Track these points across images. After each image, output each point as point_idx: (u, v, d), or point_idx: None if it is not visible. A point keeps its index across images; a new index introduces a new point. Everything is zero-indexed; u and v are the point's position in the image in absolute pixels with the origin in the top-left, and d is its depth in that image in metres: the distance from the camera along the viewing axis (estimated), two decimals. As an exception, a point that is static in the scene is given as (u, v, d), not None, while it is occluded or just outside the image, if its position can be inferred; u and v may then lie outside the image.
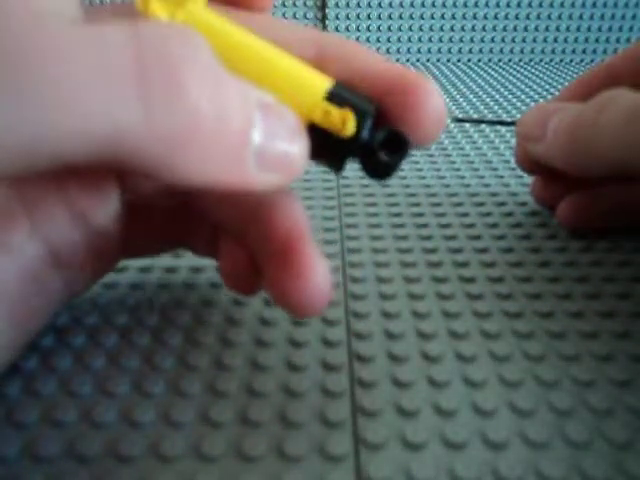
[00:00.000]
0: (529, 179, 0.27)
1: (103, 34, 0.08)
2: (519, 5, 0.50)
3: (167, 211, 0.16)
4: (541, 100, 0.40)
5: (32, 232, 0.13)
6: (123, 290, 0.18)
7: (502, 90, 0.42)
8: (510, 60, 0.52)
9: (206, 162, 0.09)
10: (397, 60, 0.51)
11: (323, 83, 0.11)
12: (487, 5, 0.50)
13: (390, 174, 0.12)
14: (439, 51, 0.51)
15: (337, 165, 0.12)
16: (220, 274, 0.15)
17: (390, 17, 0.49)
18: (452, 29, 0.50)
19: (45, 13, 0.09)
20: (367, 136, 0.11)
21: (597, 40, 0.51)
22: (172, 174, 0.09)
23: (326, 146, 0.11)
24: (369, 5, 0.49)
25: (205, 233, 0.16)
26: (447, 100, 0.40)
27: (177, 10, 0.10)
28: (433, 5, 0.49)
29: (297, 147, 0.11)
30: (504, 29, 0.51)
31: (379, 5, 0.49)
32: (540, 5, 0.50)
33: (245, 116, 0.10)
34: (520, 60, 0.52)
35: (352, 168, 0.29)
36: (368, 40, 0.50)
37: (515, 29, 0.51)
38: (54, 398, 0.14)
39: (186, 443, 0.13)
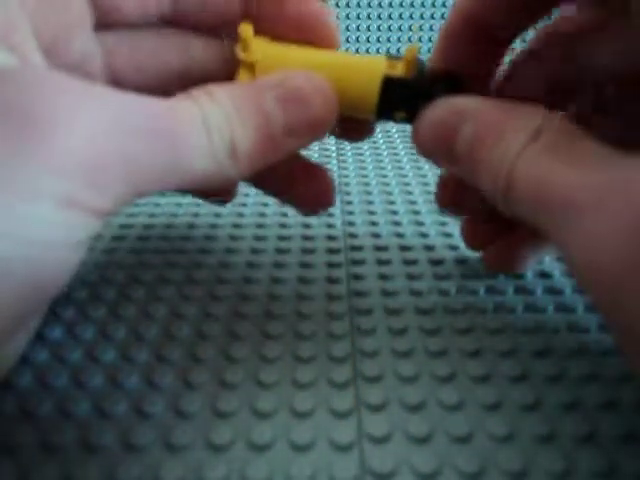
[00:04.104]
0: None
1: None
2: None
3: None
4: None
5: None
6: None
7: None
8: (509, 60, 0.52)
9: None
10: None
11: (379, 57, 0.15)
12: (486, 5, 0.50)
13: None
14: (438, 51, 0.51)
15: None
16: None
17: (390, 17, 0.49)
18: (451, 29, 0.50)
19: None
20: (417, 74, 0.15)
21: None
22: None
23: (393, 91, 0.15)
24: (369, 5, 0.49)
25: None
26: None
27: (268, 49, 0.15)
28: (433, 5, 0.49)
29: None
30: (503, 29, 0.51)
31: (379, 5, 0.49)
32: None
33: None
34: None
35: (353, 168, 0.29)
36: (368, 40, 0.50)
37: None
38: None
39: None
